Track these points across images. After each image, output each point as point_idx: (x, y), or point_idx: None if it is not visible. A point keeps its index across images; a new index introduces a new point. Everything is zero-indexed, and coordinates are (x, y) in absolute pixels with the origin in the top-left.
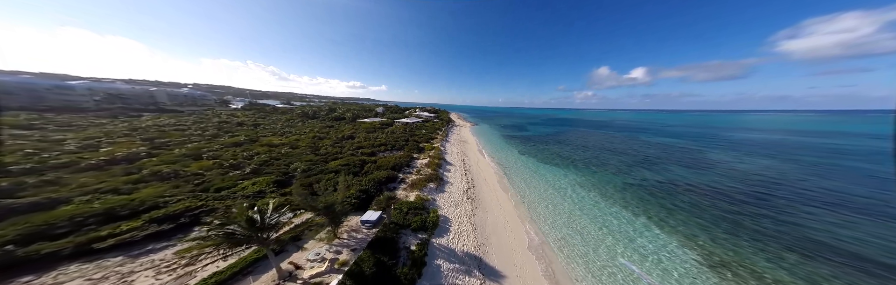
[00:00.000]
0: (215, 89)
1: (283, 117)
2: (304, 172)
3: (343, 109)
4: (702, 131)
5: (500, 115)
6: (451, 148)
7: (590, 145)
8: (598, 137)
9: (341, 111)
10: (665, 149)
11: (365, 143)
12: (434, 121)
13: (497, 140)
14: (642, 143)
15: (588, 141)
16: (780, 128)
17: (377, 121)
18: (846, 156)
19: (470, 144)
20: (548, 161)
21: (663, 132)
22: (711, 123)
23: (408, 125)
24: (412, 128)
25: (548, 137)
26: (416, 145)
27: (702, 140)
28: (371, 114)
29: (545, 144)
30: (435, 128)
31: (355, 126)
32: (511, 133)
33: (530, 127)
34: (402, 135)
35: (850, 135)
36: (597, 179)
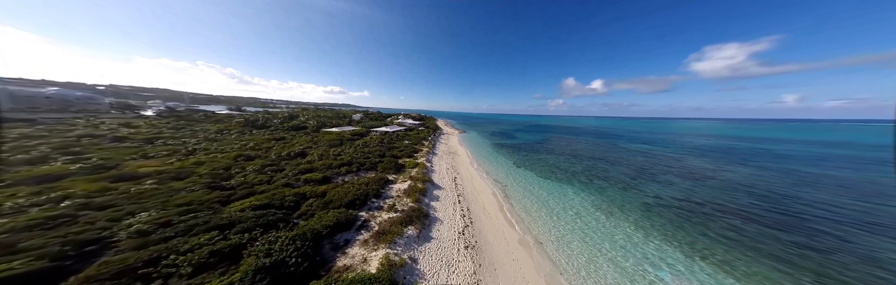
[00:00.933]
0: (141, 92)
1: (213, 127)
2: (136, 237)
3: (308, 116)
4: (664, 137)
5: (486, 122)
6: (439, 163)
7: (580, 153)
8: (582, 144)
9: (304, 118)
10: (649, 156)
11: (319, 164)
12: (419, 130)
13: (488, 149)
14: (625, 151)
15: (576, 149)
16: (715, 133)
17: (347, 130)
18: (795, 161)
19: (461, 156)
20: (548, 174)
21: (635, 138)
22: (663, 129)
23: (387, 135)
24: (392, 139)
25: (537, 145)
26: (393, 162)
27: (672, 146)
28: (343, 122)
29: (537, 153)
30: (420, 138)
31: (315, 137)
32: (500, 141)
33: (517, 134)
34: (376, 149)
35: (771, 140)
36: (611, 199)
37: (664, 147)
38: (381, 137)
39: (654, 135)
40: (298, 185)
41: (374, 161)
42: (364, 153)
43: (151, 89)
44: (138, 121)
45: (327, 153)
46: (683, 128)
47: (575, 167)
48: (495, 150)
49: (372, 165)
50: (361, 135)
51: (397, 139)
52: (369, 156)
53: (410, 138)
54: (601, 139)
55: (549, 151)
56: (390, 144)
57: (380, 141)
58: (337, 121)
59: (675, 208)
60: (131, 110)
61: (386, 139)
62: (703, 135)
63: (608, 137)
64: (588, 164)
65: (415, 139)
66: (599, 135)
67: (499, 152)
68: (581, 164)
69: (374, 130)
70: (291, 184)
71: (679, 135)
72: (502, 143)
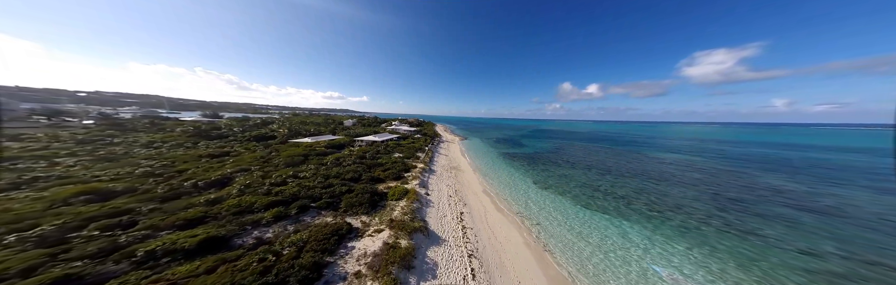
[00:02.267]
0: (126, 98)
1: (149, 138)
2: None
3: (285, 123)
4: (682, 143)
5: (486, 127)
6: (437, 186)
7: (609, 166)
8: (602, 153)
9: (277, 126)
10: (697, 170)
11: (229, 204)
12: (415, 138)
13: (497, 162)
14: (659, 162)
15: (599, 159)
16: (729, 139)
17: (324, 140)
18: (863, 173)
19: (465, 173)
20: (589, 201)
21: (653, 145)
22: (671, 134)
23: (374, 146)
24: (378, 152)
25: (552, 155)
26: (369, 192)
27: (706, 154)
28: (327, 130)
29: (557, 166)
30: (415, 149)
31: (275, 151)
32: (508, 149)
33: (524, 140)
34: (351, 168)
35: (798, 146)
36: (732, 254)
37: (698, 155)
38: (364, 150)
39: (669, 141)
40: (114, 272)
41: (338, 190)
42: (327, 177)
43: (140, 95)
44: (41, 132)
45: (260, 182)
46: (688, 132)
47: (618, 188)
48: (506, 163)
49: (334, 198)
50: (340, 146)
51: (386, 152)
52: (333, 184)
53: (403, 150)
54: (618, 146)
55: (570, 164)
56: (374, 160)
57: (361, 155)
58: (319, 129)
59: None
60: (59, 117)
61: (370, 152)
62: (718, 140)
63: (623, 144)
64: (634, 185)
65: (408, 151)
66: (612, 141)
67: (511, 165)
68: (623, 184)
69: (359, 140)
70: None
71: (696, 141)
72: (511, 153)
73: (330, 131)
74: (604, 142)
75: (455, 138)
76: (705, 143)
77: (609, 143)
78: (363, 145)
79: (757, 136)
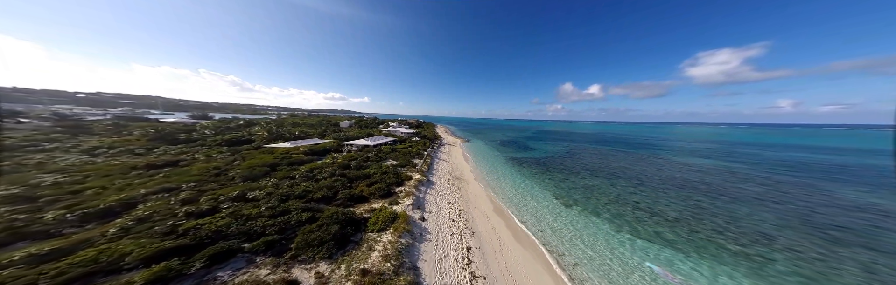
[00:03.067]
0: (124, 99)
1: (96, 141)
2: None
3: (269, 125)
4: (701, 146)
5: (488, 128)
6: (437, 202)
7: (638, 175)
8: (622, 158)
9: (259, 128)
10: (753, 180)
11: (87, 255)
12: (414, 141)
13: (506, 169)
14: (690, 168)
15: (622, 166)
16: (747, 140)
17: (306, 145)
18: None
19: (470, 184)
20: (634, 227)
21: (672, 148)
22: (681, 135)
23: (364, 150)
24: (369, 158)
25: (566, 161)
26: (342, 218)
27: (742, 160)
28: (315, 132)
29: (576, 175)
30: (412, 154)
31: (241, 159)
32: (515, 153)
33: (530, 143)
34: (326, 183)
35: (833, 150)
36: None
37: (733, 161)
38: (352, 157)
39: (686, 143)
40: None
41: (295, 219)
42: (286, 198)
43: (140, 96)
44: None
45: (172, 210)
46: (699, 133)
47: (664, 206)
48: (515, 171)
49: (285, 232)
50: (324, 152)
51: (377, 158)
52: (291, 209)
53: (398, 155)
54: (633, 149)
55: (590, 171)
56: (360, 170)
57: (346, 163)
58: (305, 131)
59: None
60: (14, 118)
61: (358, 159)
62: (739, 142)
63: (637, 147)
64: (683, 201)
65: (404, 157)
66: (624, 143)
67: (521, 173)
68: (668, 200)
69: (348, 144)
70: None
71: (714, 143)
72: (519, 158)
73: (319, 134)
74: (616, 145)
75: (457, 140)
76: (728, 146)
77: (622, 146)
78: (353, 150)
79: (776, 138)
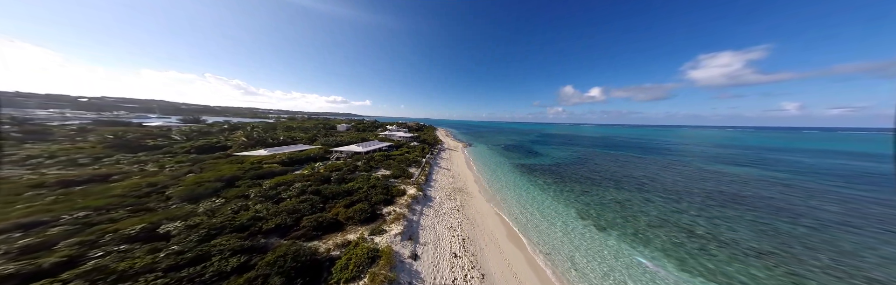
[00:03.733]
0: (126, 103)
1: (38, 149)
2: None
3: (255, 129)
4: (734, 152)
5: (490, 131)
6: (435, 228)
7: (674, 188)
8: (644, 165)
9: (244, 132)
10: (821, 196)
11: None
12: (412, 146)
13: (515, 179)
14: (738, 180)
15: (649, 175)
16: (771, 145)
17: (286, 153)
18: None
19: (475, 199)
20: (703, 266)
21: (695, 154)
22: (696, 139)
23: (355, 157)
24: (357, 167)
25: (581, 168)
26: (293, 263)
27: (784, 168)
28: (306, 136)
29: (599, 187)
30: (409, 162)
31: (200, 170)
32: (523, 159)
33: (537, 147)
34: (289, 204)
35: (874, 156)
36: None
37: (774, 169)
38: (336, 166)
39: (705, 148)
40: None
41: (217, 267)
42: (214, 232)
43: (143, 100)
44: None
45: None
46: (711, 136)
47: (730, 232)
48: (526, 180)
49: None
50: (305, 161)
51: (367, 168)
52: (214, 250)
53: (392, 164)
54: (650, 155)
55: (613, 181)
56: (341, 184)
57: (328, 174)
58: (292, 135)
59: None
60: None
61: (345, 169)
62: (763, 147)
63: (654, 152)
64: (749, 224)
65: (398, 166)
66: (637, 147)
67: (534, 184)
68: (730, 224)
69: (337, 151)
70: None
71: (736, 148)
72: (528, 165)
73: (309, 138)
74: (629, 150)
75: (458, 145)
76: (753, 151)
77: (636, 151)
78: (342, 158)
79: (795, 142)
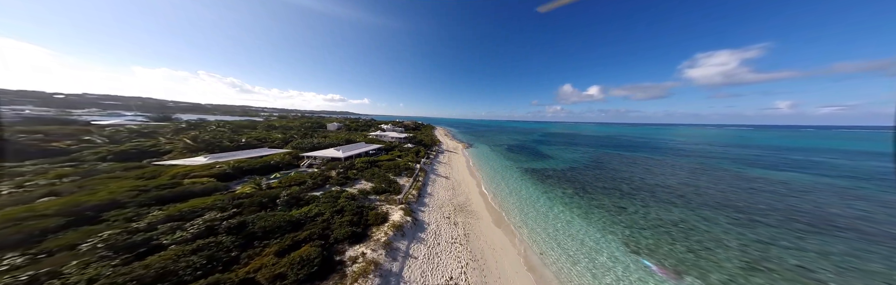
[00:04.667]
0: (109, 100)
1: None
2: None
3: (219, 129)
4: (760, 154)
5: (490, 130)
6: None
7: (725, 200)
8: (671, 170)
9: (201, 132)
10: None
11: None
12: (405, 148)
13: (527, 189)
14: (791, 187)
15: (684, 182)
16: (792, 146)
17: (230, 161)
18: None
19: (481, 222)
20: None
21: (720, 155)
22: (714, 139)
23: (332, 164)
24: (326, 180)
25: (601, 174)
26: None
27: (821, 169)
28: (281, 138)
29: (634, 201)
30: (399, 170)
31: (77, 189)
32: (531, 163)
33: (543, 148)
34: (159, 262)
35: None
36: None
37: (828, 175)
38: (298, 179)
39: (726, 149)
40: None
41: None
42: None
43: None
44: None
45: None
46: (718, 136)
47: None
48: (541, 191)
49: None
50: (266, 170)
51: (342, 180)
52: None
53: (376, 173)
54: (670, 157)
55: (649, 192)
56: (290, 210)
57: (279, 193)
58: (272, 136)
59: None
60: None
61: (308, 184)
62: (783, 148)
63: (670, 153)
64: (880, 260)
65: (384, 175)
66: (651, 148)
67: (555, 198)
68: (852, 260)
69: (311, 156)
70: None
71: (757, 148)
72: (538, 170)
73: (284, 140)
74: (641, 151)
75: (458, 146)
76: (776, 152)
77: (650, 152)
78: (315, 164)
79: (806, 141)
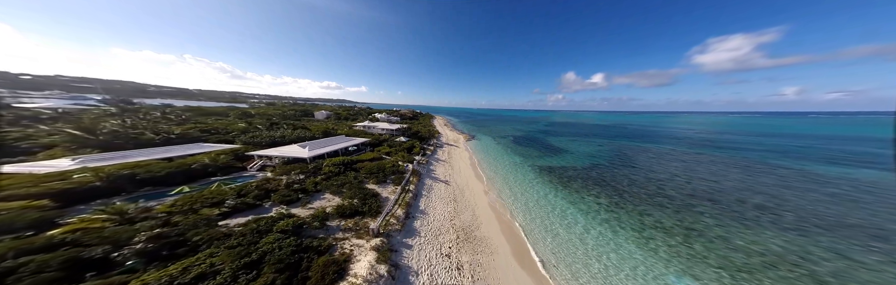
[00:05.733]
0: (82, 83)
1: None
2: None
3: (156, 115)
4: (789, 142)
5: (492, 119)
6: None
7: (847, 219)
8: (717, 169)
9: (133, 121)
10: None
11: None
12: (397, 143)
13: (553, 200)
14: None
15: (744, 186)
16: (827, 133)
17: (104, 168)
18: None
19: (498, 263)
20: None
21: (747, 146)
22: (732, 128)
23: (292, 167)
24: (275, 191)
25: (635, 175)
26: None
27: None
28: (239, 128)
29: (703, 218)
30: (382, 175)
31: None
32: (546, 160)
33: (552, 140)
34: None
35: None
36: None
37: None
38: (212, 196)
39: (742, 137)
40: None
41: None
42: None
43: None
44: None
45: None
46: (723, 123)
47: None
48: (571, 203)
49: None
50: (187, 178)
51: (292, 197)
52: None
53: (350, 181)
54: (700, 150)
55: (712, 203)
56: (144, 267)
57: (136, 232)
58: (233, 126)
59: None
60: None
61: (227, 206)
62: (805, 135)
63: (697, 145)
64: None
65: (358, 187)
66: (673, 139)
67: (589, 214)
68: None
69: (264, 156)
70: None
71: (787, 137)
72: (555, 169)
73: (241, 131)
74: (663, 142)
75: (459, 138)
76: (816, 142)
77: (674, 143)
78: (270, 167)
79: (826, 128)
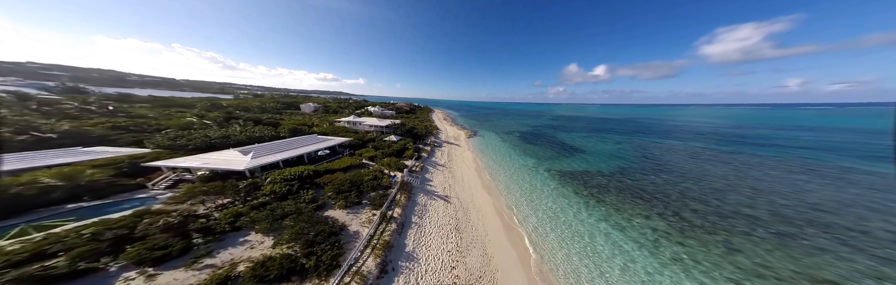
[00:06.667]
0: (51, 71)
1: None
2: None
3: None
4: (830, 137)
5: (493, 113)
6: None
7: None
8: (781, 174)
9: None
10: None
11: None
12: (385, 143)
13: (588, 225)
14: None
15: (840, 197)
16: (857, 127)
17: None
18: None
19: None
20: None
21: (782, 142)
22: (751, 121)
23: (216, 186)
24: (150, 237)
25: (681, 182)
26: None
27: None
28: (176, 124)
29: (821, 252)
30: (356, 192)
31: None
32: (563, 163)
33: (564, 137)
34: None
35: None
36: None
37: None
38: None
39: (785, 132)
40: None
41: None
42: None
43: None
44: None
45: None
46: (736, 117)
47: None
48: (617, 230)
49: None
50: (34, 204)
51: (179, 233)
52: None
53: (301, 204)
54: (735, 147)
55: (816, 227)
56: None
57: None
58: (182, 121)
59: None
60: None
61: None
62: (835, 128)
63: (727, 142)
64: None
65: (311, 221)
66: (697, 135)
67: (669, 261)
68: None
69: (172, 169)
70: None
71: (825, 130)
72: (577, 175)
73: (181, 126)
74: (691, 139)
75: (460, 134)
76: (860, 136)
77: (706, 140)
78: (190, 180)
79: (845, 120)
